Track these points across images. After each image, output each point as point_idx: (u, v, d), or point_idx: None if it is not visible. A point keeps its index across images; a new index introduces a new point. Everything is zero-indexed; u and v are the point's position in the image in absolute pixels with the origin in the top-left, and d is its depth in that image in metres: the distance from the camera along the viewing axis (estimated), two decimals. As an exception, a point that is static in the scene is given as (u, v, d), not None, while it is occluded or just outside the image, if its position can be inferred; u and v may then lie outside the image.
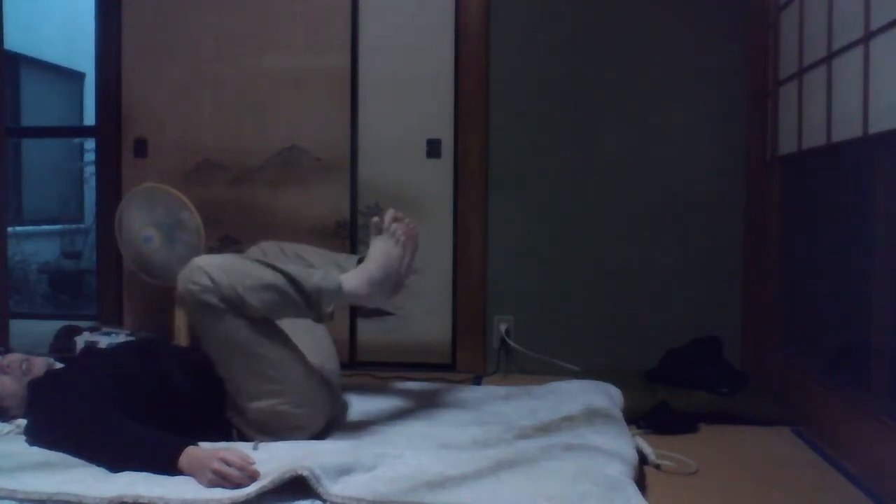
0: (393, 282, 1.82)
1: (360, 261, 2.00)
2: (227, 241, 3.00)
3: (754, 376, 2.44)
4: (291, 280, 1.72)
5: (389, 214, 1.86)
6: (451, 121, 2.85)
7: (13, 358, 1.84)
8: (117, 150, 3.10)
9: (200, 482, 1.45)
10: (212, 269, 1.67)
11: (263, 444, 1.68)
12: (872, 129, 1.78)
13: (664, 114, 2.75)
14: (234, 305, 1.67)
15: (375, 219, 1.85)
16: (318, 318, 1.80)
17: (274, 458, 1.54)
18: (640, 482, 1.63)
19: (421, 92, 2.87)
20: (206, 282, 1.66)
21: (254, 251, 2.11)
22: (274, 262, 1.97)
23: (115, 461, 1.52)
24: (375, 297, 1.81)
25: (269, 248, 2.10)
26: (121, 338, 2.60)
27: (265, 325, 1.74)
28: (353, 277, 1.79)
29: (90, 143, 4.83)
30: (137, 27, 3.06)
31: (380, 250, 1.81)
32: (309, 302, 1.74)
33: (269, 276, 1.71)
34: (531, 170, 2.82)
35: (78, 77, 5.93)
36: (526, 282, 2.83)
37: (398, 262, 1.81)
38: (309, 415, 1.78)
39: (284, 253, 2.08)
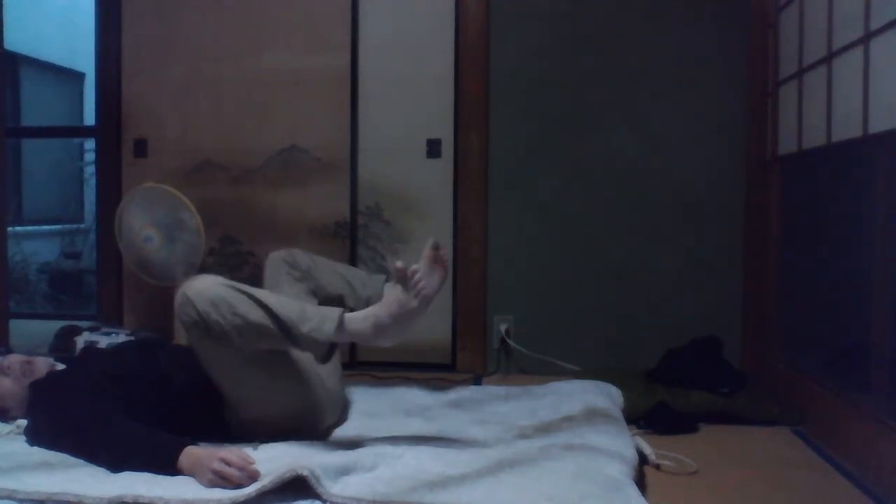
0: (402, 331, 1.70)
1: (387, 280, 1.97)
2: (227, 241, 3.00)
3: (754, 376, 2.44)
4: (281, 324, 1.63)
5: (430, 244, 1.73)
6: (451, 121, 2.85)
7: (14, 359, 1.84)
8: (117, 150, 3.10)
9: (200, 482, 1.45)
10: (199, 301, 1.63)
11: (263, 444, 1.68)
12: (872, 129, 1.78)
13: (664, 114, 2.75)
14: (222, 339, 1.64)
15: (399, 264, 1.67)
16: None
17: (274, 458, 1.54)
18: (640, 482, 1.63)
19: (421, 92, 2.87)
20: (194, 315, 1.63)
21: (281, 254, 2.06)
22: (289, 278, 1.98)
23: (115, 461, 1.52)
24: (381, 341, 1.70)
25: (301, 258, 2.06)
26: (121, 338, 2.60)
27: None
28: (361, 320, 1.68)
29: (90, 143, 4.83)
30: (137, 27, 3.06)
31: (396, 299, 1.67)
32: (297, 346, 1.68)
33: (258, 317, 1.62)
34: (531, 170, 2.82)
35: (78, 77, 5.93)
36: (526, 282, 2.83)
37: (411, 315, 1.67)
38: (307, 427, 1.78)
39: (316, 265, 2.06)
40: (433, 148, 2.87)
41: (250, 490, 1.39)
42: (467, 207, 2.84)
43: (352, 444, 1.71)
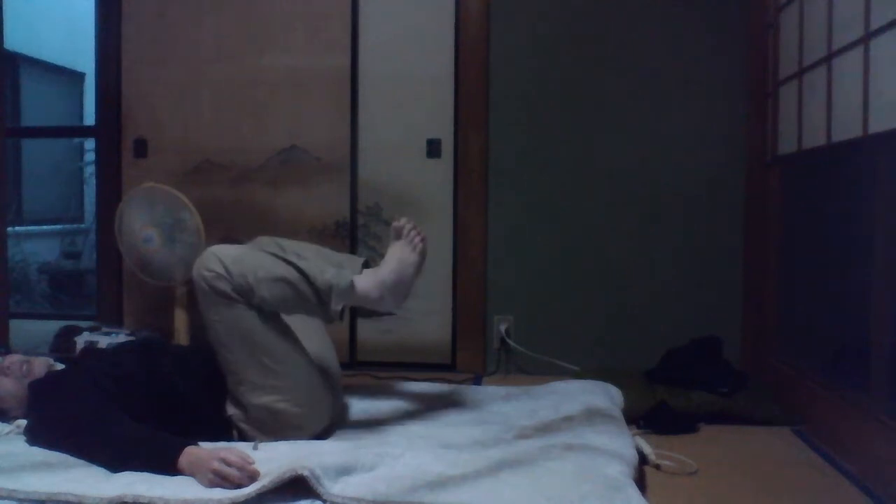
0: (405, 288, 1.81)
1: (364, 264, 1.99)
2: (226, 242, 2.98)
3: (754, 376, 2.44)
4: (303, 275, 1.72)
5: (409, 220, 1.86)
6: (451, 121, 2.85)
7: (13, 359, 1.84)
8: (117, 150, 3.10)
9: (200, 482, 1.45)
10: (226, 257, 1.70)
11: (263, 444, 1.68)
12: (872, 129, 1.78)
13: (664, 114, 2.75)
14: (246, 295, 1.68)
15: (396, 223, 1.85)
16: (327, 317, 1.79)
17: (274, 458, 1.54)
18: (640, 482, 1.63)
19: (421, 92, 2.87)
20: (220, 269, 1.68)
21: (251, 247, 2.08)
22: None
23: (116, 461, 1.52)
24: (385, 301, 1.80)
25: (267, 244, 2.06)
26: (121, 338, 2.60)
27: (274, 318, 1.75)
28: (366, 279, 1.78)
29: (90, 143, 4.83)
30: (137, 27, 3.06)
31: (396, 256, 1.81)
32: (319, 298, 1.74)
33: (282, 270, 1.72)
34: (531, 170, 2.82)
35: (78, 77, 5.93)
36: (526, 282, 2.83)
37: (413, 269, 1.81)
38: (308, 415, 1.78)
39: (284, 250, 2.06)
40: (433, 148, 2.87)
41: (250, 490, 1.39)
42: (467, 207, 2.84)
43: (352, 444, 1.71)
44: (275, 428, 1.74)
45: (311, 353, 1.83)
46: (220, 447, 1.55)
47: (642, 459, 1.77)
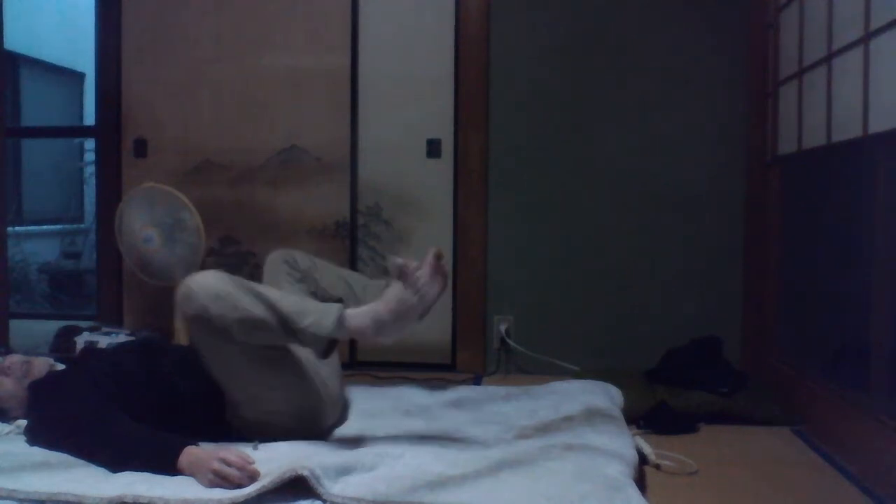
0: (401, 328, 1.70)
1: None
2: (227, 241, 3.00)
3: (754, 376, 2.44)
4: (281, 319, 1.64)
5: (433, 253, 1.72)
6: (451, 121, 2.85)
7: (14, 359, 1.84)
8: (117, 150, 3.10)
9: (200, 482, 1.45)
10: (202, 295, 1.64)
11: (263, 444, 1.68)
12: (872, 129, 1.78)
13: (664, 114, 2.75)
14: (224, 333, 1.65)
15: (399, 261, 1.68)
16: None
17: (274, 458, 1.54)
18: (640, 482, 1.63)
19: (421, 92, 2.87)
20: (196, 308, 1.64)
21: (280, 255, 2.05)
22: (289, 278, 1.96)
23: (116, 461, 1.52)
24: (381, 338, 1.70)
25: (301, 259, 2.05)
26: (121, 338, 2.60)
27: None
28: (361, 316, 1.68)
29: (90, 143, 4.83)
30: (137, 27, 3.06)
31: (396, 296, 1.67)
32: (297, 341, 1.68)
33: (259, 312, 1.63)
34: (531, 170, 2.82)
35: (78, 77, 5.93)
36: (526, 282, 2.83)
37: (412, 313, 1.68)
38: (307, 427, 1.78)
39: (316, 267, 2.05)
40: (433, 148, 2.87)
41: (250, 490, 1.39)
42: (467, 207, 2.84)
43: (352, 444, 1.71)
44: (274, 431, 1.74)
45: (309, 358, 1.82)
46: (220, 447, 1.55)
47: (642, 459, 1.77)
